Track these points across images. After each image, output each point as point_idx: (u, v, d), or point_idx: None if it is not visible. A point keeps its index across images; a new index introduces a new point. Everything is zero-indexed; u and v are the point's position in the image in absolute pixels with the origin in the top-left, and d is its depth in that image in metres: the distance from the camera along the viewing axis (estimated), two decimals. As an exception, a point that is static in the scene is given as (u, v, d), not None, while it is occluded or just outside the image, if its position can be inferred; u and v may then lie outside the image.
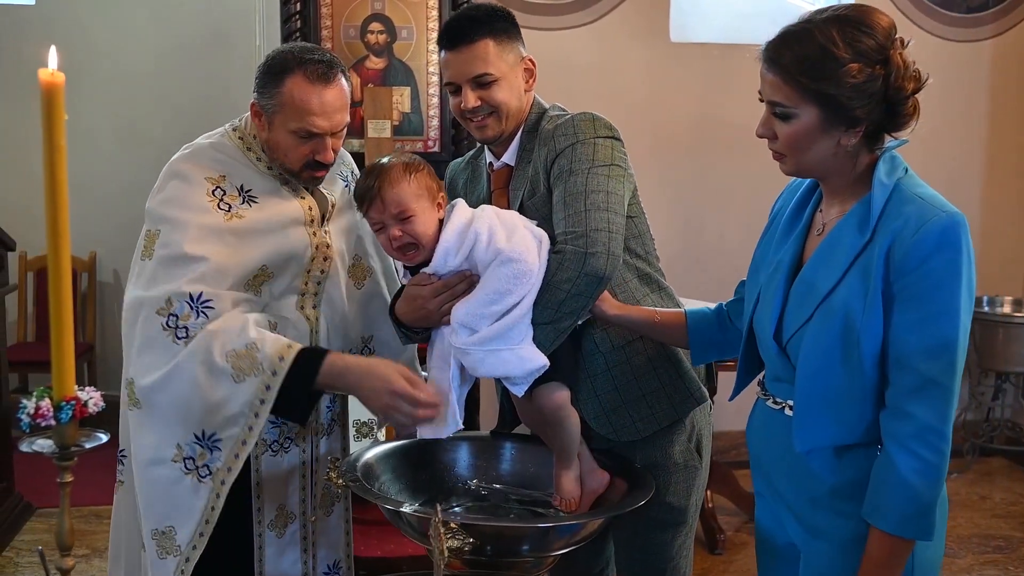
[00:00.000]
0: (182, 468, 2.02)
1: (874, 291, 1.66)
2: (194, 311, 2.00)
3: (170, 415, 2.01)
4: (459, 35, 2.16)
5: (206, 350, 1.97)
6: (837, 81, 1.64)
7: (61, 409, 1.51)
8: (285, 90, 2.06)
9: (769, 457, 1.89)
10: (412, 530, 1.96)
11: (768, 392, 1.90)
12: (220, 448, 2.01)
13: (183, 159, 2.15)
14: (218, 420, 2.00)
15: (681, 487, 2.25)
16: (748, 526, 4.28)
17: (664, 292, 2.27)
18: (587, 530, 1.97)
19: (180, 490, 2.03)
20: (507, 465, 2.27)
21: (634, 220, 2.22)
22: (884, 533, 1.68)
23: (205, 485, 2.02)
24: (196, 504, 2.03)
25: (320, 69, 2.07)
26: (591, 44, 4.67)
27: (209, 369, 1.97)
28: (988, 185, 5.18)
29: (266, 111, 2.10)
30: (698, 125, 4.87)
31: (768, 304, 1.83)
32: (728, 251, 4.95)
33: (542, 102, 2.28)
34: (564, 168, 2.10)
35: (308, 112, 2.06)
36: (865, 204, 1.71)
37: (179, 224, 2.05)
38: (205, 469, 2.02)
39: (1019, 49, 5.09)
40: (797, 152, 1.74)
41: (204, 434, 2.00)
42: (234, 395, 1.97)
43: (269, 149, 2.15)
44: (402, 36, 4.27)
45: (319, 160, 2.12)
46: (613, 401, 2.18)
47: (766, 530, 1.97)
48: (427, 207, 2.03)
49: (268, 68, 2.10)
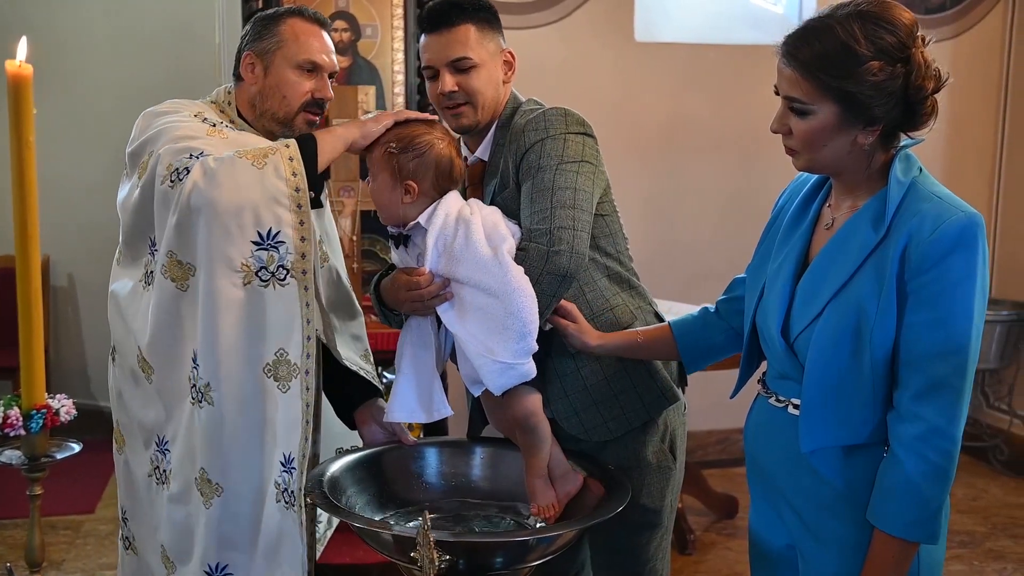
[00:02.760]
0: (258, 283, 1.91)
1: (888, 289, 1.64)
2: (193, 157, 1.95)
3: (215, 238, 1.90)
4: (441, 18, 2.15)
5: (207, 163, 1.91)
6: (857, 79, 1.62)
7: (31, 418, 1.45)
8: (286, 27, 2.13)
9: (769, 457, 1.86)
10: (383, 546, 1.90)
11: (770, 390, 1.88)
12: (284, 240, 1.92)
13: (159, 106, 2.15)
14: (265, 211, 1.91)
15: (655, 488, 2.24)
16: (717, 526, 4.29)
17: (636, 291, 2.25)
18: (562, 540, 1.93)
19: (269, 304, 1.93)
20: (477, 471, 2.23)
21: (605, 218, 2.20)
22: (889, 536, 1.66)
23: (289, 285, 1.93)
24: (292, 309, 1.94)
25: (314, 14, 2.16)
26: (556, 43, 4.65)
27: (227, 168, 1.91)
28: (949, 183, 5.18)
29: (265, 55, 2.13)
30: (665, 124, 4.87)
31: (774, 299, 1.81)
32: (698, 249, 4.96)
33: (519, 96, 2.26)
34: (533, 163, 2.08)
35: (311, 44, 2.12)
36: (879, 200, 1.70)
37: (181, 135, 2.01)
38: (281, 270, 1.92)
39: (978, 49, 5.15)
40: (812, 149, 1.71)
41: (260, 235, 1.91)
42: (265, 179, 1.91)
43: (263, 98, 2.16)
44: (366, 34, 4.22)
45: (319, 97, 2.14)
46: (583, 401, 2.16)
47: (761, 531, 1.94)
48: (386, 180, 2.05)
49: (262, 17, 2.18)
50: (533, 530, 2.01)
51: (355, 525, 1.89)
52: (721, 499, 4.39)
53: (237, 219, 1.88)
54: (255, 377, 1.91)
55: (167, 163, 1.95)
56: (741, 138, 4.96)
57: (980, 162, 5.27)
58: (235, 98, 2.20)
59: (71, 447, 1.54)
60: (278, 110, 2.15)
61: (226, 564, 1.95)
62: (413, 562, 1.68)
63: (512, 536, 1.97)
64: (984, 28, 5.14)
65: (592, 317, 2.16)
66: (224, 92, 2.23)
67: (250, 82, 2.16)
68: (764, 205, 5.47)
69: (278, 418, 1.93)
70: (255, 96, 2.16)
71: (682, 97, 4.88)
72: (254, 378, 1.91)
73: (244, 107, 2.19)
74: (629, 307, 2.20)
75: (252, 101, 2.17)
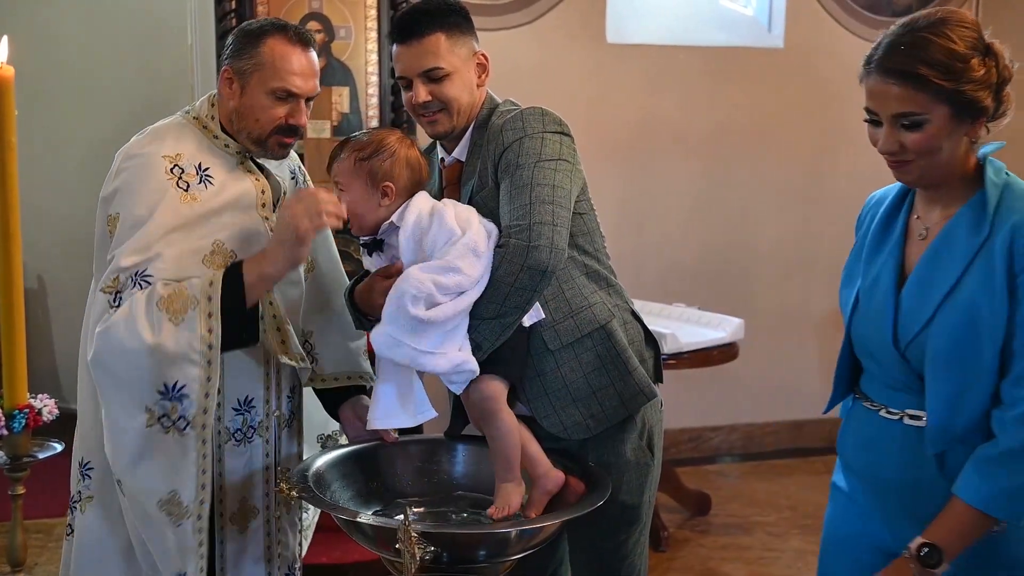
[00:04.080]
0: (159, 428, 1.95)
1: (1000, 285, 1.71)
2: (134, 283, 1.98)
3: (125, 378, 1.95)
4: (410, 29, 2.15)
5: (135, 305, 1.94)
6: (967, 77, 1.71)
7: (14, 418, 1.45)
8: (265, 49, 2.08)
9: (885, 468, 1.89)
10: (367, 539, 1.92)
11: (876, 402, 1.91)
12: (187, 395, 1.96)
13: (138, 141, 2.14)
14: (174, 367, 1.95)
15: (634, 485, 2.26)
16: (690, 523, 4.32)
17: (613, 289, 2.27)
18: (545, 533, 1.96)
19: (167, 448, 1.97)
20: (460, 468, 2.25)
21: (583, 217, 2.22)
22: (968, 506, 1.71)
23: (188, 436, 1.97)
24: (187, 458, 1.98)
25: (299, 33, 2.11)
26: (529, 45, 4.66)
27: (147, 320, 1.94)
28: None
29: (242, 74, 2.10)
30: (636, 124, 4.90)
31: (877, 313, 1.86)
32: (669, 249, 4.99)
33: (495, 97, 2.27)
34: (511, 162, 2.09)
35: (288, 71, 2.08)
36: (974, 205, 1.77)
37: (137, 220, 2.02)
38: (182, 421, 1.96)
39: (943, 51, 5.23)
40: (929, 155, 1.77)
41: (167, 387, 1.94)
42: (179, 335, 1.94)
43: (239, 117, 2.13)
44: (340, 35, 4.22)
45: (292, 123, 2.12)
46: (563, 399, 2.17)
47: (851, 537, 1.98)
48: (361, 187, 2.06)
49: (245, 32, 2.12)
50: (514, 523, 2.02)
51: (340, 518, 1.91)
52: (694, 496, 4.42)
53: (145, 371, 1.93)
54: (152, 509, 1.99)
55: (114, 275, 1.99)
56: (710, 138, 5.00)
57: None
58: (218, 111, 2.18)
59: (53, 447, 1.54)
60: (251, 131, 2.13)
61: None
62: (398, 555, 1.69)
63: (493, 529, 1.98)
64: (949, 30, 5.22)
65: (570, 315, 2.18)
66: (208, 104, 2.20)
67: (227, 97, 2.14)
68: (732, 204, 5.56)
69: (168, 548, 2.02)
70: (232, 112, 2.15)
71: (653, 98, 4.91)
72: (152, 510, 1.99)
73: (224, 120, 2.17)
74: (607, 305, 2.22)
75: (229, 117, 2.16)
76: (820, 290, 5.22)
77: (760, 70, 5.02)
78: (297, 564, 2.37)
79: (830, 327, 5.27)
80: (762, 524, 4.32)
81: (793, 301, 5.20)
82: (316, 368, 2.34)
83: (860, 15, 5.09)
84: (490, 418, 2.03)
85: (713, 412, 5.16)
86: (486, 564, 1.94)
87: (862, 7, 5.09)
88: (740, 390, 5.12)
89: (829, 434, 5.71)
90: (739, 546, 4.10)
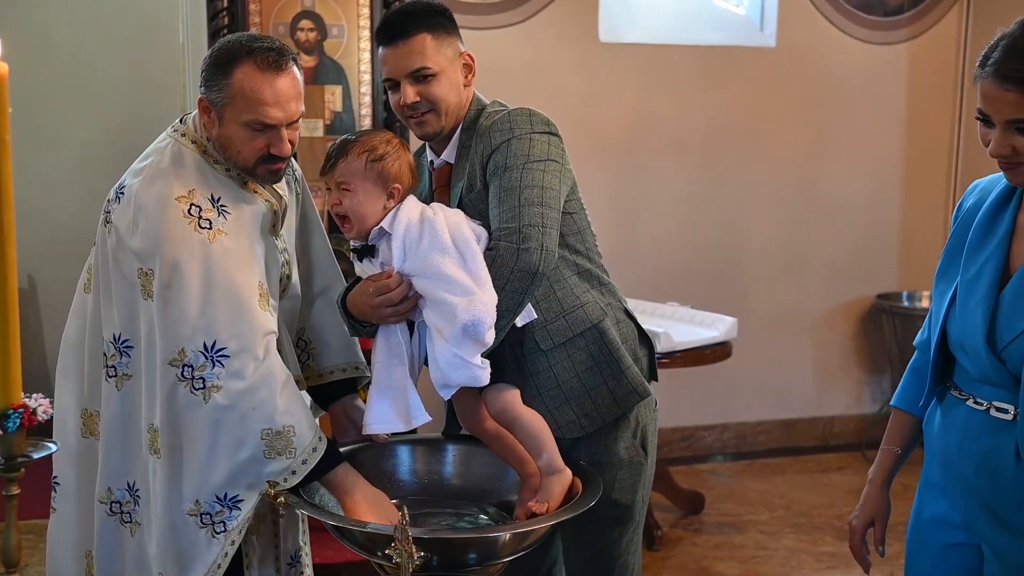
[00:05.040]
0: (197, 522, 1.99)
1: None
2: (209, 361, 1.96)
3: (196, 471, 1.98)
4: (396, 30, 2.15)
5: (242, 418, 1.95)
6: None
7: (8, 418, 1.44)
8: (235, 80, 1.98)
9: (965, 457, 1.88)
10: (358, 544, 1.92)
11: (965, 392, 1.90)
12: (240, 509, 1.99)
13: (145, 187, 2.04)
14: (243, 485, 1.98)
15: (627, 484, 2.26)
16: (684, 522, 4.33)
17: (605, 288, 2.27)
18: (537, 535, 1.95)
19: (193, 539, 2.00)
20: (450, 468, 2.25)
21: (573, 216, 2.22)
22: None
23: (217, 541, 2.00)
24: (207, 557, 2.00)
25: (271, 57, 1.99)
26: (522, 44, 4.66)
27: (244, 439, 1.95)
28: (908, 183, 5.33)
29: (215, 105, 2.02)
30: (629, 124, 4.90)
31: (975, 310, 1.84)
32: (662, 248, 5.00)
33: (482, 98, 2.27)
34: (499, 164, 2.10)
35: (261, 102, 1.98)
36: None
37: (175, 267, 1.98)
38: (221, 526, 1.99)
39: (933, 52, 5.24)
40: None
41: (226, 496, 1.98)
42: (264, 467, 1.96)
43: (221, 147, 2.06)
44: (333, 34, 4.21)
45: (274, 153, 2.04)
46: (556, 398, 2.18)
47: (940, 526, 1.97)
48: (370, 189, 2.03)
49: (215, 60, 2.02)
50: (507, 526, 2.02)
51: (330, 524, 1.91)
52: (687, 495, 4.42)
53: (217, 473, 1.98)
54: None
55: (179, 346, 1.97)
56: (703, 137, 5.01)
57: (937, 161, 5.35)
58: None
59: (48, 447, 1.53)
60: (236, 161, 2.07)
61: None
62: (388, 559, 1.69)
63: (487, 532, 1.98)
64: (941, 30, 5.23)
65: (562, 314, 2.18)
66: (203, 127, 2.10)
67: (208, 126, 2.06)
68: (725, 203, 5.57)
69: None
70: (215, 140, 2.07)
71: (646, 97, 4.91)
72: None
73: (214, 145, 2.10)
74: (599, 304, 2.22)
75: (215, 144, 2.08)
76: (813, 289, 5.24)
77: (753, 69, 5.03)
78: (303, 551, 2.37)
79: (823, 326, 5.29)
80: (755, 523, 4.33)
81: (786, 300, 5.21)
82: (312, 364, 2.34)
83: (852, 14, 5.10)
84: (516, 421, 2.04)
85: (705, 411, 5.16)
86: (478, 567, 1.94)
87: (854, 7, 5.10)
88: (732, 389, 5.13)
89: (821, 433, 5.77)
90: (732, 545, 4.11)
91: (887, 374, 5.35)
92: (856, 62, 5.09)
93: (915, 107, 5.26)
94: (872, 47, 5.14)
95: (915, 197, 5.34)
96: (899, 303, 5.23)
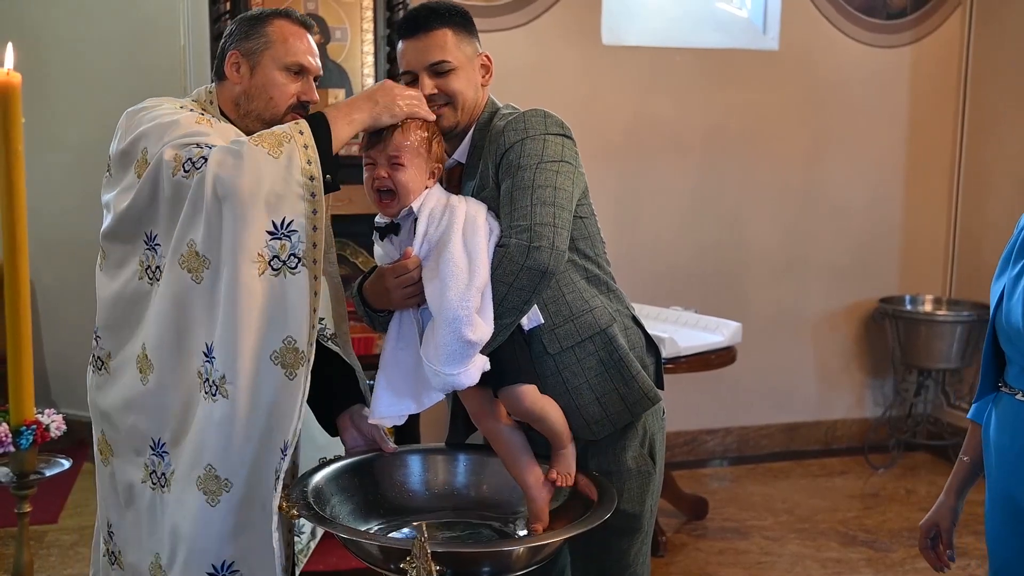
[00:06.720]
0: (270, 272, 1.91)
1: None
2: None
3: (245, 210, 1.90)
4: (418, 23, 2.17)
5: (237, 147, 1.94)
6: None
7: (21, 434, 1.41)
8: (273, 28, 2.13)
9: (1010, 450, 1.93)
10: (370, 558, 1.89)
11: (1014, 387, 1.93)
12: (297, 231, 1.92)
13: (141, 103, 2.12)
14: (283, 205, 1.91)
15: (635, 493, 2.24)
16: (687, 527, 4.31)
17: (614, 294, 2.26)
18: (552, 548, 1.94)
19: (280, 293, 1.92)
20: (460, 478, 2.23)
21: (584, 221, 2.21)
22: None
23: (300, 274, 1.92)
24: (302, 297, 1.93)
25: (300, 18, 2.17)
26: (525, 46, 4.66)
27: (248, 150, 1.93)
28: (910, 185, 5.32)
29: (251, 55, 2.12)
30: (631, 125, 4.90)
31: (1020, 299, 1.87)
32: (663, 251, 4.99)
33: (496, 101, 2.28)
34: (513, 163, 2.10)
35: (299, 47, 2.13)
36: None
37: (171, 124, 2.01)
38: (293, 259, 1.91)
39: (936, 55, 5.24)
40: None
41: (280, 223, 1.91)
42: (278, 169, 1.91)
43: (248, 99, 2.14)
44: (336, 37, 4.19)
45: (305, 100, 2.14)
46: (567, 404, 2.16)
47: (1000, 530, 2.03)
48: (420, 165, 2.06)
49: (248, 17, 2.17)
50: (523, 539, 2.01)
51: (342, 537, 1.88)
52: (691, 500, 4.41)
53: (255, 208, 1.89)
54: (266, 366, 1.91)
55: (173, 154, 1.95)
56: (705, 139, 5.00)
57: (939, 164, 5.35)
58: (217, 97, 2.18)
59: (60, 463, 1.50)
60: (264, 111, 2.14)
61: (232, 561, 1.94)
62: (402, 572, 1.67)
63: (502, 546, 1.97)
64: (943, 33, 5.22)
65: (570, 318, 2.17)
66: (205, 92, 2.21)
67: (235, 81, 2.15)
68: (726, 205, 5.57)
69: (282, 406, 1.92)
70: (239, 96, 2.15)
71: (648, 99, 4.91)
72: (265, 367, 1.91)
73: (227, 106, 2.18)
74: (608, 310, 2.21)
75: (236, 100, 2.16)
76: (815, 292, 5.23)
77: (755, 72, 5.02)
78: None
79: (825, 329, 5.28)
80: (759, 528, 4.32)
81: (788, 303, 5.21)
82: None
83: (855, 17, 5.10)
84: (539, 413, 2.07)
85: (707, 415, 5.15)
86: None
87: (857, 9, 5.10)
88: (734, 392, 5.12)
89: (824, 437, 5.78)
90: (736, 550, 4.10)
91: (889, 377, 5.35)
92: (859, 65, 5.09)
93: (917, 110, 5.26)
94: (875, 50, 5.14)
95: (917, 200, 5.34)
96: (902, 307, 5.23)
